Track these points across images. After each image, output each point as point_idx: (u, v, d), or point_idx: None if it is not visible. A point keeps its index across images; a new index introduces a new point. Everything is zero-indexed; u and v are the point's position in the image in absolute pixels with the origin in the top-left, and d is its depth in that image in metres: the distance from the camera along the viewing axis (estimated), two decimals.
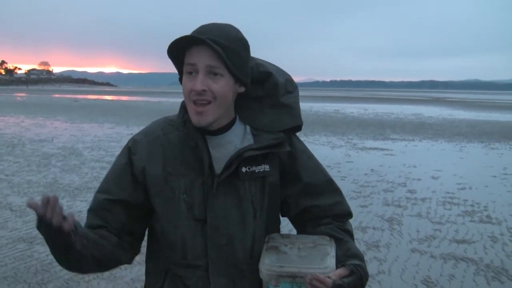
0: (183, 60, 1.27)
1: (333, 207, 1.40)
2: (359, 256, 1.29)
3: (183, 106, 1.35)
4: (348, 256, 1.27)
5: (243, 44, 1.29)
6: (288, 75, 1.45)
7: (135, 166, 1.33)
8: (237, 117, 1.38)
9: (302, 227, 1.42)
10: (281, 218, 1.46)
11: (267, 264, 1.20)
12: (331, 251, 1.25)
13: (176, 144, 1.33)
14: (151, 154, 1.33)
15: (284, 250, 1.27)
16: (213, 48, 1.20)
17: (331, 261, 1.20)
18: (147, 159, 1.33)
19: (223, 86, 1.25)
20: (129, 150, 1.36)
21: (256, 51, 1.45)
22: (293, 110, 1.40)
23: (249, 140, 1.34)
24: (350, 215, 1.44)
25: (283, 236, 1.34)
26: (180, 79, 1.31)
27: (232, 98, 1.31)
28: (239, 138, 1.34)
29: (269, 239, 1.32)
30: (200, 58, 1.23)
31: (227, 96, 1.27)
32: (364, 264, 1.27)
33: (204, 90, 1.23)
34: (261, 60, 1.44)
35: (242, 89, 1.32)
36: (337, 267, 1.21)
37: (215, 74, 1.23)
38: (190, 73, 1.25)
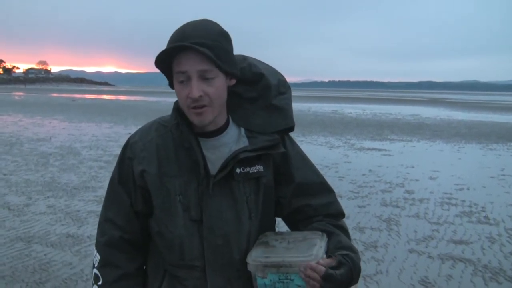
0: (171, 67, 1.26)
1: (325, 207, 1.40)
2: (350, 248, 1.28)
3: (175, 108, 1.34)
4: (339, 248, 1.27)
5: (226, 37, 1.28)
6: (281, 75, 1.45)
7: (134, 172, 1.35)
8: (231, 119, 1.38)
9: (295, 226, 1.43)
10: (277, 219, 1.47)
11: (253, 256, 1.24)
12: (320, 243, 1.25)
13: (170, 146, 1.34)
14: (147, 156, 1.34)
15: (273, 244, 1.28)
16: (202, 53, 1.19)
17: (317, 250, 1.21)
18: (144, 161, 1.34)
19: (218, 87, 1.25)
20: (129, 158, 1.37)
21: (253, 52, 1.45)
22: (285, 112, 1.40)
23: (244, 142, 1.34)
24: (342, 214, 1.43)
25: (276, 233, 1.36)
26: (170, 84, 1.31)
27: (226, 93, 1.31)
28: (233, 140, 1.35)
29: (262, 236, 1.34)
30: (191, 65, 1.21)
31: (222, 95, 1.28)
32: (355, 256, 1.25)
33: (200, 96, 1.22)
34: (254, 59, 1.43)
35: (233, 82, 1.32)
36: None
37: (207, 78, 1.22)
38: (182, 81, 1.24)
